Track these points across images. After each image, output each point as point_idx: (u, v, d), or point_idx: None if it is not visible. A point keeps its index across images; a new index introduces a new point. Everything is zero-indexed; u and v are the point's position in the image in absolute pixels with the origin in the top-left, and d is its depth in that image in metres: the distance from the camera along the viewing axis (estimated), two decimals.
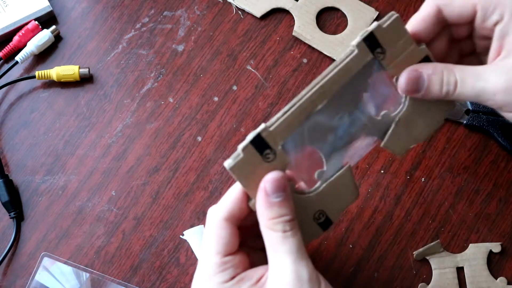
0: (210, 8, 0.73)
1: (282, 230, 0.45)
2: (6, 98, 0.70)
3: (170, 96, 0.70)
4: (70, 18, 0.73)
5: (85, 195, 0.66)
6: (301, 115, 0.48)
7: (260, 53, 0.71)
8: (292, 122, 0.48)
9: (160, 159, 0.67)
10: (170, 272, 0.64)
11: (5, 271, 0.64)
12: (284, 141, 0.48)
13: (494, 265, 0.63)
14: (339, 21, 0.72)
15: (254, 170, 0.47)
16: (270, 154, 0.47)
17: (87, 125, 0.69)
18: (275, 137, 0.47)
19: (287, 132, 0.48)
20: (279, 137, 0.47)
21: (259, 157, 0.47)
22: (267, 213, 0.45)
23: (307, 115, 0.48)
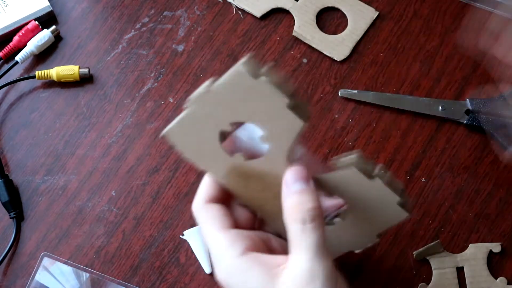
0: (210, 8, 0.73)
1: (301, 221, 0.43)
2: (6, 98, 0.70)
3: (170, 96, 0.70)
4: (70, 18, 0.73)
5: (85, 195, 0.66)
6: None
7: (260, 53, 0.71)
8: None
9: (160, 159, 0.67)
10: (170, 272, 0.64)
11: (5, 271, 0.64)
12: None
13: (494, 265, 0.63)
14: (339, 21, 0.72)
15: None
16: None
17: (87, 125, 0.69)
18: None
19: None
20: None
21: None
22: (287, 203, 0.44)
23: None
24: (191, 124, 0.47)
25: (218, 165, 0.48)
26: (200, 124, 0.47)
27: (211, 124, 0.47)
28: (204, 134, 0.47)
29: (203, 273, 0.63)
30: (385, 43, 0.71)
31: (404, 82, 0.70)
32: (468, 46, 0.68)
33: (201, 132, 0.47)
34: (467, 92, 0.69)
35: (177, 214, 0.66)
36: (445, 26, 0.72)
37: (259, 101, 0.45)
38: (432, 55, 0.70)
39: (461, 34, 0.71)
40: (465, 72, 0.70)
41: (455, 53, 0.70)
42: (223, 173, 0.48)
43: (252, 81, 0.44)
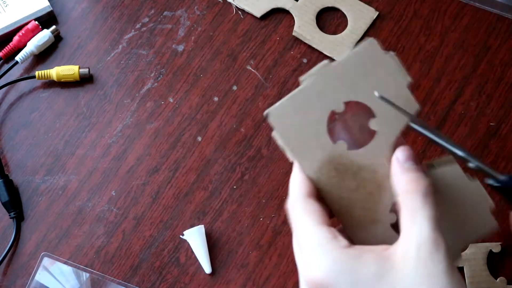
0: (210, 8, 0.73)
1: (423, 194, 0.41)
2: (6, 98, 0.70)
3: (170, 96, 0.70)
4: (70, 18, 0.73)
5: (85, 195, 0.66)
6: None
7: (260, 53, 0.71)
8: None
9: (160, 159, 0.67)
10: (170, 272, 0.64)
11: (5, 271, 0.64)
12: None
13: (494, 265, 0.63)
14: (339, 21, 0.72)
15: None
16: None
17: (87, 125, 0.69)
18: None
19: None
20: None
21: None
22: (403, 178, 0.42)
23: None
24: (302, 102, 0.43)
25: (316, 155, 0.43)
26: (311, 102, 0.43)
27: (323, 103, 0.43)
28: (312, 114, 0.43)
29: (203, 273, 0.64)
30: (385, 43, 0.71)
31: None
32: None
33: (309, 112, 0.43)
34: (467, 92, 0.69)
35: (177, 214, 0.66)
36: (445, 26, 0.72)
37: (382, 76, 0.43)
38: (432, 55, 0.70)
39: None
40: (465, 72, 0.70)
41: (455, 53, 0.71)
42: (318, 165, 0.43)
43: (381, 54, 0.43)
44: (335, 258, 0.40)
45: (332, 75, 0.43)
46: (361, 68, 0.43)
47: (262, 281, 0.63)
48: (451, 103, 0.69)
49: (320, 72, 0.43)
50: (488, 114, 0.68)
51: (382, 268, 0.39)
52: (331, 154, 0.43)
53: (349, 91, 0.43)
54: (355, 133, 0.45)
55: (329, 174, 0.44)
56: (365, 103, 0.43)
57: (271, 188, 0.66)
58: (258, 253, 0.64)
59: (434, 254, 0.39)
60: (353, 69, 0.43)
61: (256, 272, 0.64)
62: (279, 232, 0.65)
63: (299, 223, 0.43)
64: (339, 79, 0.43)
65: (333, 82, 0.43)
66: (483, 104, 0.69)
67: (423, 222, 0.40)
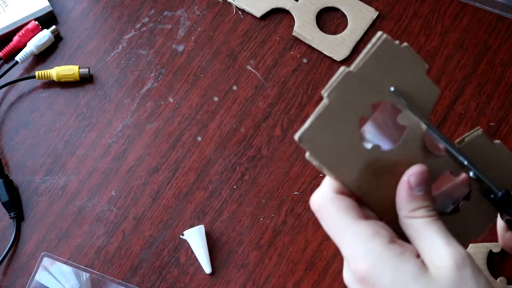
0: (210, 8, 0.73)
1: (426, 216, 0.42)
2: (6, 98, 0.70)
3: (170, 96, 0.70)
4: (70, 18, 0.73)
5: (85, 195, 0.66)
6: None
7: (260, 53, 0.71)
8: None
9: (160, 159, 0.67)
10: (170, 272, 0.64)
11: (5, 271, 0.64)
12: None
13: (494, 265, 0.63)
14: (339, 21, 0.72)
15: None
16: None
17: (87, 125, 0.69)
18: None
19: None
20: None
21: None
22: (409, 206, 0.43)
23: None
24: (330, 117, 0.42)
25: (353, 166, 0.43)
26: (340, 115, 0.42)
27: (351, 112, 0.42)
28: (343, 126, 0.42)
29: (203, 273, 0.64)
30: None
31: None
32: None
33: (339, 125, 0.42)
34: (467, 92, 0.69)
35: (177, 214, 0.66)
36: (445, 26, 0.72)
37: (401, 70, 0.42)
38: (432, 55, 0.71)
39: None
40: (465, 72, 0.70)
41: (455, 53, 0.71)
42: (357, 175, 0.43)
43: (396, 48, 0.42)
44: (380, 255, 0.41)
45: (354, 82, 0.42)
46: (380, 67, 0.42)
47: (262, 281, 0.63)
48: (451, 103, 0.69)
49: (341, 82, 0.42)
50: (488, 114, 0.68)
51: (420, 269, 0.40)
52: (368, 161, 0.43)
53: (374, 94, 0.43)
54: (386, 132, 0.45)
55: (369, 179, 0.43)
56: (390, 101, 0.43)
57: (271, 188, 0.66)
58: (258, 253, 0.64)
59: (465, 269, 0.40)
60: (373, 71, 0.42)
61: (256, 272, 0.64)
62: (279, 232, 0.65)
63: (336, 220, 0.43)
64: (361, 84, 0.42)
65: (356, 89, 0.42)
66: (483, 104, 0.69)
67: (433, 237, 0.41)
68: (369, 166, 0.43)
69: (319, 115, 0.41)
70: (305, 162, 0.67)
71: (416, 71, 0.43)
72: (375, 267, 0.41)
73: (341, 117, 0.42)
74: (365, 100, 0.42)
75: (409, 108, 0.43)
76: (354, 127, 0.42)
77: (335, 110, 0.42)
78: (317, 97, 0.69)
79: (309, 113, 0.69)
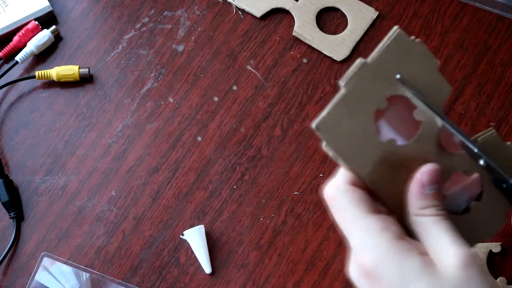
0: (210, 8, 0.73)
1: (435, 214, 0.42)
2: (6, 98, 0.70)
3: (170, 96, 0.70)
4: (70, 18, 0.73)
5: (85, 195, 0.66)
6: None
7: (260, 53, 0.71)
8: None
9: (160, 159, 0.68)
10: (170, 272, 0.64)
11: (5, 271, 0.64)
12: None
13: (494, 265, 0.63)
14: (339, 21, 0.72)
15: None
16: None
17: (87, 125, 0.69)
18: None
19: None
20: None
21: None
22: (419, 203, 0.43)
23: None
24: (346, 108, 0.42)
25: (369, 158, 0.43)
26: (356, 106, 0.42)
27: (367, 104, 0.42)
28: (359, 118, 0.42)
29: (203, 273, 0.64)
30: None
31: None
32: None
33: (356, 116, 0.42)
34: (467, 92, 0.69)
35: (177, 214, 0.66)
36: (445, 26, 0.72)
37: (413, 64, 0.43)
38: None
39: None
40: (465, 72, 0.70)
41: (455, 53, 0.71)
42: (372, 167, 0.43)
43: (410, 42, 0.43)
44: (386, 250, 0.41)
45: (369, 73, 0.42)
46: (394, 60, 0.43)
47: (262, 281, 0.63)
48: (451, 103, 0.69)
49: (357, 73, 0.42)
50: (488, 114, 0.68)
51: (426, 266, 0.40)
52: (383, 154, 0.43)
53: (389, 87, 0.43)
54: (401, 127, 0.45)
55: (383, 173, 0.43)
56: (405, 95, 0.43)
57: (271, 188, 0.66)
58: (258, 253, 0.64)
59: (471, 268, 0.40)
60: (387, 64, 0.43)
61: (256, 272, 0.64)
62: (279, 232, 0.65)
63: (347, 212, 0.43)
64: (376, 76, 0.43)
65: (372, 81, 0.42)
66: (483, 104, 0.69)
67: (440, 237, 0.41)
68: (383, 160, 0.43)
69: (336, 104, 0.42)
70: (305, 162, 0.67)
71: (428, 67, 0.43)
72: (380, 261, 0.41)
73: (358, 108, 0.42)
74: (380, 93, 0.43)
75: (417, 97, 0.43)
76: (370, 119, 0.42)
77: (352, 100, 0.42)
78: (317, 97, 0.69)
79: (309, 113, 0.69)
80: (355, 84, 0.42)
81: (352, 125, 0.42)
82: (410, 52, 0.43)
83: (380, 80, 0.43)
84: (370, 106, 0.42)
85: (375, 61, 0.43)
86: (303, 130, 0.68)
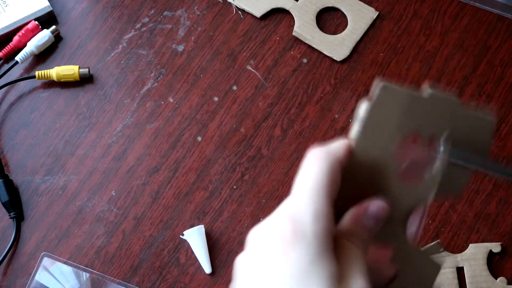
0: (210, 8, 0.73)
1: (357, 246, 0.41)
2: (6, 98, 0.70)
3: (170, 96, 0.70)
4: (70, 18, 0.73)
5: (85, 195, 0.66)
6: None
7: (260, 53, 0.71)
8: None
9: (160, 159, 0.68)
10: (170, 272, 0.64)
11: (5, 271, 0.64)
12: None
13: (494, 265, 0.63)
14: (339, 21, 0.72)
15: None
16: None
17: (87, 125, 0.69)
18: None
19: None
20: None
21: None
22: (350, 225, 0.42)
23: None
24: (390, 101, 0.41)
25: (377, 147, 0.42)
26: (391, 113, 0.41)
27: (398, 123, 0.41)
28: (393, 122, 0.41)
29: (203, 273, 0.64)
30: (385, 43, 0.71)
31: (404, 82, 0.70)
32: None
33: (392, 119, 0.42)
34: (467, 92, 0.69)
35: (177, 214, 0.66)
36: (445, 26, 0.72)
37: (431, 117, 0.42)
38: (432, 55, 0.71)
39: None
40: (465, 72, 0.70)
41: (455, 53, 0.71)
42: (370, 154, 0.42)
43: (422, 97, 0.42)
44: (313, 243, 0.38)
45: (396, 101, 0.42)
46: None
47: None
48: None
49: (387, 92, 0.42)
50: None
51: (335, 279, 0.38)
52: (386, 160, 0.42)
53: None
54: (409, 166, 0.43)
55: (365, 171, 0.42)
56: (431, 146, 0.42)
57: (271, 188, 0.66)
58: None
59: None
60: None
61: None
62: None
63: (313, 176, 0.40)
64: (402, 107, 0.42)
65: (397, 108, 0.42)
66: (483, 104, 0.69)
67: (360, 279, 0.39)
68: (383, 163, 0.42)
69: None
70: None
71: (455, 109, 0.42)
72: (306, 230, 0.38)
73: (392, 115, 0.42)
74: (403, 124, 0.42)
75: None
76: (398, 135, 0.42)
77: (389, 106, 0.41)
78: (317, 97, 0.69)
79: (309, 113, 0.69)
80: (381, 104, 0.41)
81: (387, 122, 0.42)
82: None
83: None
84: (399, 129, 0.42)
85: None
86: (303, 130, 0.68)
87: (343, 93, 0.69)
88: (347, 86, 0.69)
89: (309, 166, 0.41)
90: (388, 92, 0.42)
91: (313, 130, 0.68)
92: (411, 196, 0.42)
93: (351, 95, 0.69)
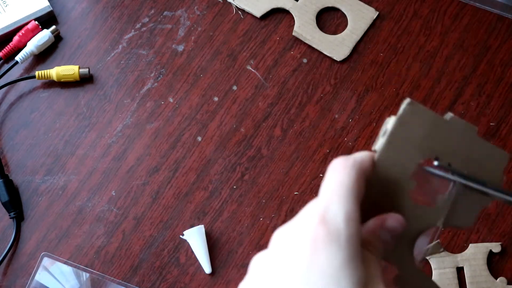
0: (210, 8, 0.73)
1: (372, 252, 0.41)
2: (6, 98, 0.70)
3: (170, 96, 0.70)
4: (70, 18, 0.73)
5: (85, 195, 0.66)
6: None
7: (260, 53, 0.71)
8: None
9: (160, 159, 0.68)
10: (170, 272, 0.64)
11: (5, 271, 0.64)
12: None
13: (494, 265, 0.63)
14: (339, 21, 0.72)
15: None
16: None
17: (87, 125, 0.69)
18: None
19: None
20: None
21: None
22: (369, 235, 0.42)
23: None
24: (414, 119, 0.41)
25: (401, 158, 0.42)
26: (415, 133, 0.41)
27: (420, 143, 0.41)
28: (416, 141, 0.42)
29: (203, 273, 0.64)
30: (385, 43, 0.71)
31: (404, 82, 0.70)
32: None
33: (415, 138, 0.42)
34: (467, 92, 0.69)
35: (177, 214, 0.66)
36: (445, 26, 0.72)
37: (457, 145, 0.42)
38: (432, 55, 0.71)
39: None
40: (465, 72, 0.70)
41: (455, 53, 0.71)
42: (392, 167, 0.42)
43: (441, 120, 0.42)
44: (345, 244, 0.38)
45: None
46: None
47: None
48: (451, 103, 0.69)
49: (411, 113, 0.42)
50: (488, 114, 0.68)
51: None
52: (406, 175, 0.42)
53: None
54: (424, 189, 0.44)
55: (384, 183, 0.42)
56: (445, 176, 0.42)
57: (271, 188, 0.66)
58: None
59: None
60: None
61: None
62: None
63: (343, 181, 0.40)
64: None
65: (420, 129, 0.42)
66: (483, 104, 0.69)
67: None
68: (401, 180, 0.42)
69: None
70: (305, 162, 0.67)
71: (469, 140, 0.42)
72: (343, 229, 0.38)
73: (417, 135, 0.42)
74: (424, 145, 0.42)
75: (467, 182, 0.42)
76: (419, 156, 0.42)
77: (414, 124, 0.42)
78: (317, 97, 0.69)
79: (309, 113, 0.69)
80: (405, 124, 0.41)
81: (409, 139, 0.42)
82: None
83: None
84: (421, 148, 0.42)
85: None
86: (303, 130, 0.68)
87: (343, 93, 0.69)
88: (347, 86, 0.70)
89: (338, 172, 0.41)
90: (414, 110, 0.41)
91: (313, 130, 0.68)
92: (423, 218, 0.42)
93: (351, 95, 0.69)
